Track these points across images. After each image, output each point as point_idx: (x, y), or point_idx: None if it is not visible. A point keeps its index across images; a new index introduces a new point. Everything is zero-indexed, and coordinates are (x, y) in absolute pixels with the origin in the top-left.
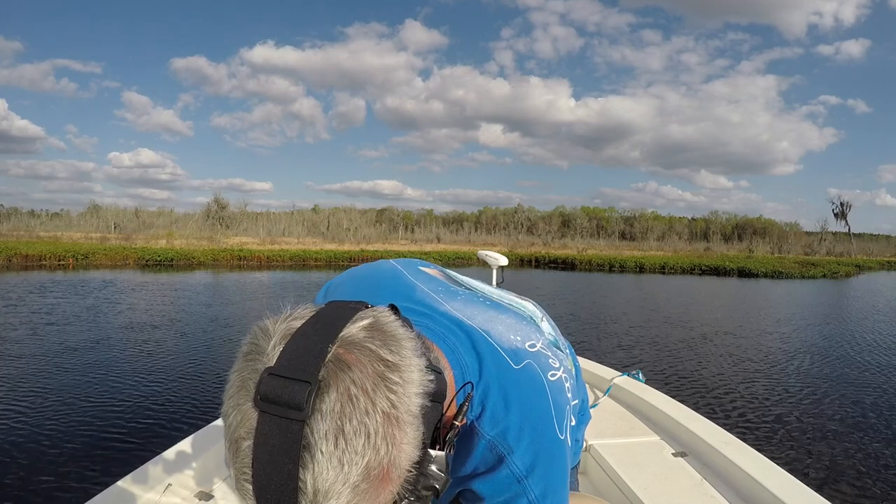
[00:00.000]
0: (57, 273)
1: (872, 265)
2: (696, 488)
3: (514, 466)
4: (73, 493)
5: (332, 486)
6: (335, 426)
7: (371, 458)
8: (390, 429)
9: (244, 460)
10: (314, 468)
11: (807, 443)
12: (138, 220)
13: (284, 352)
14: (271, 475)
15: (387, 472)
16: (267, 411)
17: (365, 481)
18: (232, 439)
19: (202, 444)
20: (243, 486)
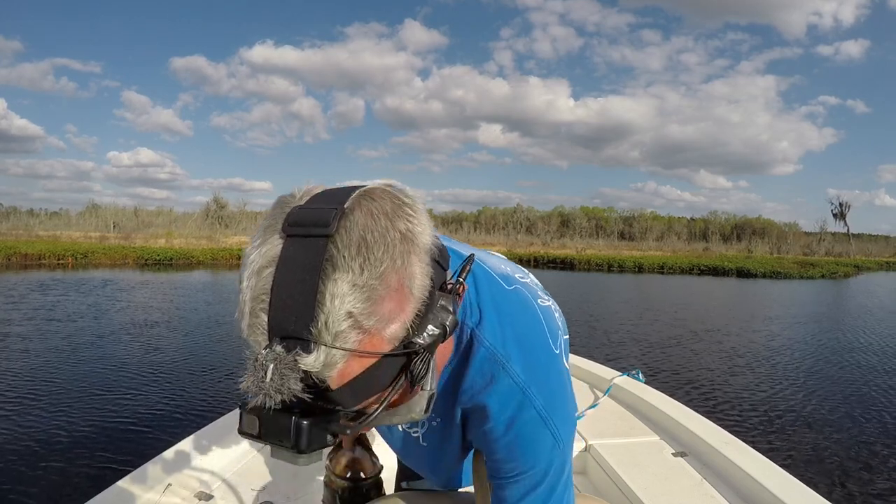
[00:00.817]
0: (56, 272)
1: (871, 265)
2: (696, 488)
3: (514, 375)
4: (73, 493)
5: (349, 290)
6: (358, 236)
7: (388, 265)
8: (406, 246)
9: (264, 286)
10: (336, 275)
11: (807, 442)
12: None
13: (313, 197)
14: (292, 292)
15: (400, 285)
16: (294, 234)
17: (381, 286)
18: (252, 272)
19: (202, 444)
20: (258, 316)
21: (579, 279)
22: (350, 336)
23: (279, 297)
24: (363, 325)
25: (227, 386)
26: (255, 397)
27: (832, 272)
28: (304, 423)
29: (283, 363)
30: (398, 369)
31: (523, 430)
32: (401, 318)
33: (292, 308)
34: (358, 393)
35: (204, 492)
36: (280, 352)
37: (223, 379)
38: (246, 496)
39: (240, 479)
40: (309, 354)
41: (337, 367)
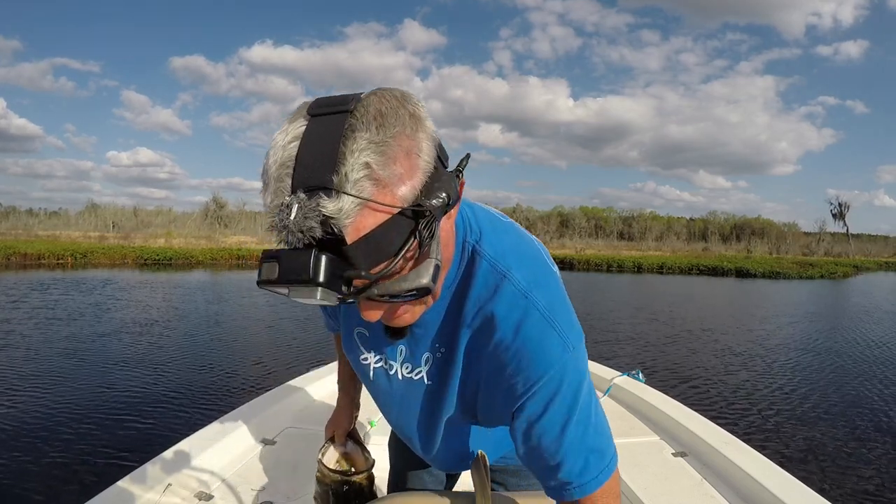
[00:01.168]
0: (56, 272)
1: (870, 266)
2: (696, 488)
3: (516, 282)
4: (73, 493)
5: (367, 144)
6: (374, 109)
7: (399, 131)
8: (414, 123)
9: (289, 155)
10: (355, 134)
11: (807, 442)
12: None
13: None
14: (315, 153)
15: (410, 151)
16: (317, 114)
17: (394, 145)
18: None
19: (202, 444)
20: (283, 181)
21: (578, 279)
22: (366, 186)
23: (303, 161)
24: (378, 177)
25: (227, 385)
26: (279, 238)
27: (831, 272)
28: (322, 256)
29: (307, 205)
30: (407, 234)
31: (530, 332)
32: (411, 182)
33: (315, 165)
34: (371, 252)
35: (204, 492)
36: (303, 197)
37: (223, 379)
38: (246, 496)
39: (240, 479)
40: (329, 199)
41: (353, 216)
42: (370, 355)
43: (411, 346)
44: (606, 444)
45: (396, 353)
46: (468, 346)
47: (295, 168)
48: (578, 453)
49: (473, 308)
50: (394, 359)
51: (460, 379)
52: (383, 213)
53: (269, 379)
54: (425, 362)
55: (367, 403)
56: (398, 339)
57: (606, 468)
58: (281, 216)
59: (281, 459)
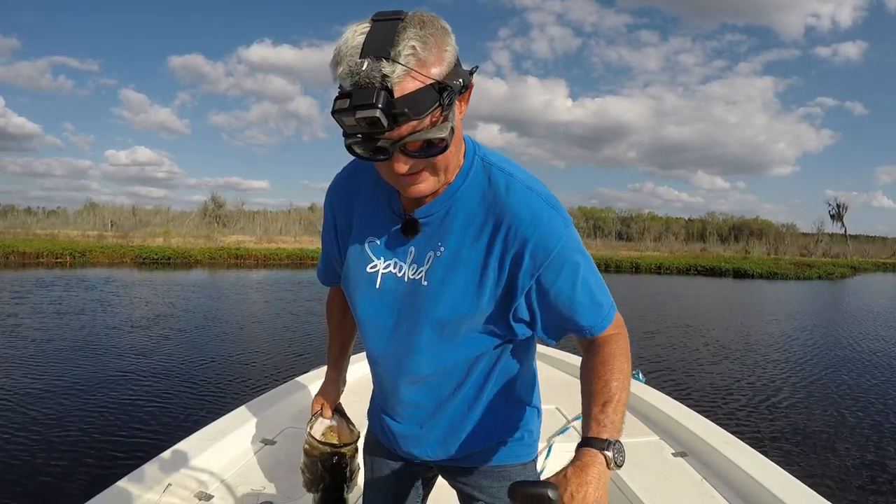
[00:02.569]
0: (54, 270)
1: (868, 266)
2: (696, 488)
3: (520, 180)
4: (73, 493)
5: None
6: (419, 19)
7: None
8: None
9: (358, 42)
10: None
11: (807, 442)
12: (135, 219)
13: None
14: (378, 39)
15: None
16: (378, 20)
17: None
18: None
19: (202, 444)
20: (352, 57)
21: None
22: (411, 60)
23: (369, 43)
24: (420, 57)
25: (227, 385)
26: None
27: (828, 273)
28: (381, 92)
29: (372, 65)
30: (435, 100)
31: (540, 213)
32: (440, 67)
33: (379, 44)
34: (409, 107)
35: (204, 492)
36: (370, 60)
37: (223, 379)
38: (246, 496)
39: (240, 479)
40: (386, 64)
41: (400, 78)
42: (379, 262)
43: (419, 245)
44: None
45: (407, 253)
46: (472, 239)
47: (363, 47)
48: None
49: (480, 202)
50: (404, 259)
51: (463, 275)
52: (420, 81)
53: (269, 379)
54: (427, 262)
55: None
56: (411, 236)
57: (613, 304)
58: (355, 69)
59: (281, 459)
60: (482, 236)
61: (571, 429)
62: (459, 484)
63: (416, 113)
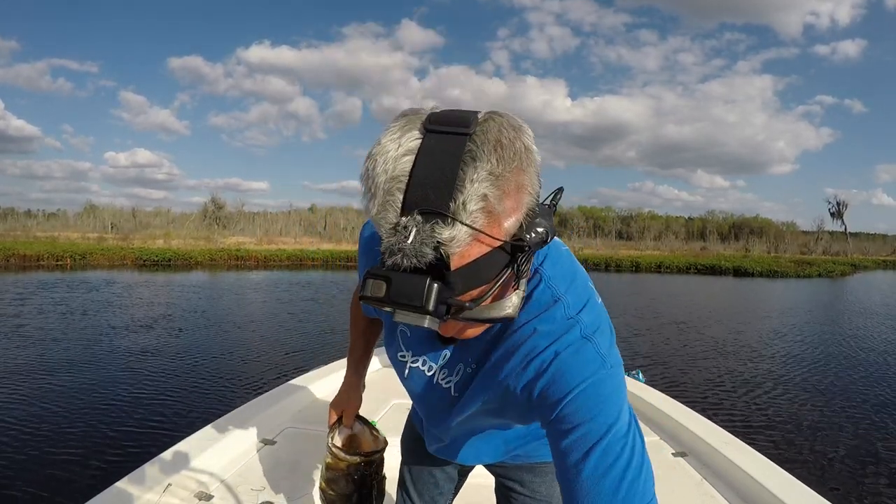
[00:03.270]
0: (55, 273)
1: (868, 264)
2: (696, 488)
3: (567, 305)
4: (73, 493)
5: (486, 176)
6: (494, 138)
7: (516, 165)
8: (528, 157)
9: (403, 169)
10: (476, 163)
11: (807, 442)
12: (135, 220)
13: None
14: (432, 174)
15: (520, 187)
16: (434, 130)
17: (509, 181)
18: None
19: (202, 445)
20: (393, 195)
21: None
22: (479, 218)
23: (419, 180)
24: (492, 210)
25: (227, 385)
26: (391, 258)
27: (829, 271)
28: (435, 285)
29: (424, 230)
30: (504, 264)
31: (569, 343)
32: (516, 215)
33: (432, 187)
34: (469, 279)
35: (204, 492)
36: (419, 220)
37: (223, 379)
38: (246, 496)
39: (240, 479)
40: (444, 227)
41: (463, 246)
42: (408, 354)
43: (453, 352)
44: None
45: (440, 357)
46: (499, 362)
47: (409, 185)
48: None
49: (519, 325)
50: (435, 361)
51: (483, 396)
52: (488, 244)
53: (269, 379)
54: (456, 373)
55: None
56: (448, 345)
57: None
58: (398, 238)
59: (281, 459)
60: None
61: None
62: (500, 478)
63: (475, 284)
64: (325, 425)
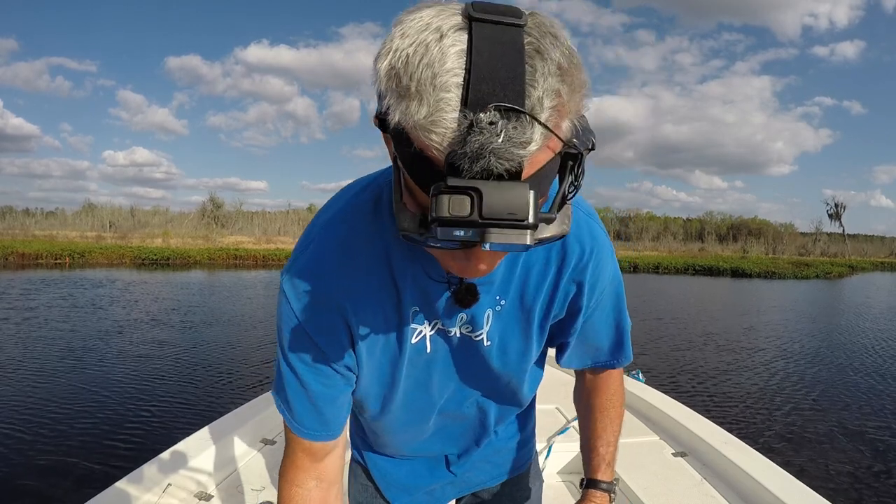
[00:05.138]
0: (54, 271)
1: (866, 266)
2: (696, 488)
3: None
4: (72, 493)
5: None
6: (551, 32)
7: (576, 61)
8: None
9: (455, 61)
10: (545, 54)
11: (806, 442)
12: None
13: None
14: (496, 67)
15: (583, 83)
16: (481, 19)
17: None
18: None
19: (202, 445)
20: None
21: None
22: (553, 117)
23: (481, 73)
24: (563, 109)
25: (228, 385)
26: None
27: (826, 272)
28: (532, 192)
29: (510, 128)
30: (561, 173)
31: (602, 243)
32: (573, 117)
33: (501, 83)
34: (539, 189)
35: (204, 492)
36: (497, 116)
37: (223, 378)
38: (246, 496)
39: (239, 479)
40: (525, 126)
41: (538, 149)
42: (425, 326)
43: (472, 311)
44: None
45: (456, 320)
46: (535, 286)
47: (470, 80)
48: (625, 332)
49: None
50: (452, 325)
51: (522, 324)
52: (553, 149)
53: (268, 379)
54: (486, 321)
55: None
56: (468, 307)
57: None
58: (484, 136)
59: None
60: (546, 280)
61: (571, 429)
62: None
63: (541, 193)
64: None
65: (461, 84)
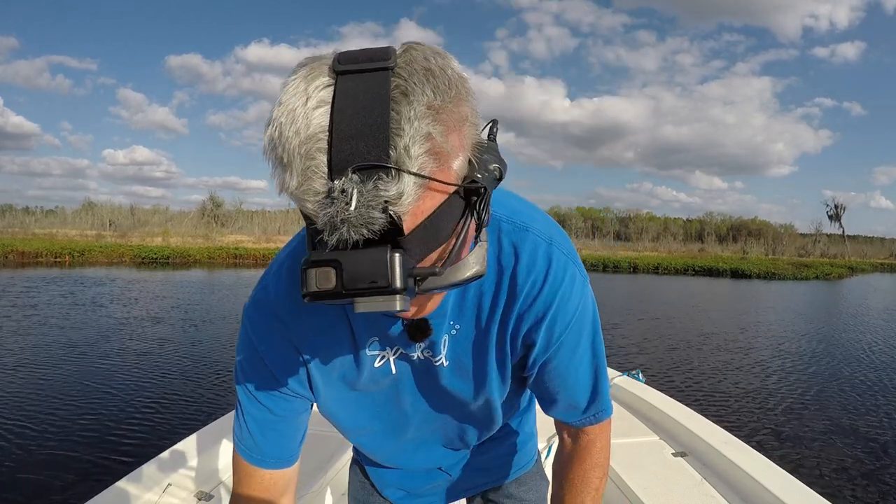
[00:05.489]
0: (54, 270)
1: (866, 267)
2: (696, 488)
3: (538, 232)
4: (72, 494)
5: (425, 111)
6: (422, 67)
7: (455, 94)
8: (463, 85)
9: (319, 124)
10: (411, 97)
11: (806, 442)
12: (133, 218)
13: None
14: (359, 123)
15: (463, 119)
16: (347, 71)
17: (451, 113)
18: (297, 115)
19: (202, 445)
20: (314, 158)
21: None
22: (428, 163)
23: (344, 132)
24: (439, 151)
25: (228, 385)
26: (333, 235)
27: (826, 273)
28: (397, 255)
29: (366, 190)
30: (461, 213)
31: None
32: (464, 154)
33: (363, 137)
34: (428, 240)
35: (204, 492)
36: (356, 179)
37: (223, 378)
38: None
39: None
40: (390, 181)
41: (414, 200)
42: (387, 352)
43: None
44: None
45: (415, 346)
46: (489, 312)
47: (332, 142)
48: (601, 380)
49: (494, 269)
50: (413, 351)
51: (482, 349)
52: (442, 192)
53: None
54: (443, 346)
55: None
56: (422, 340)
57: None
58: (335, 207)
59: None
60: (498, 306)
61: None
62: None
63: (435, 245)
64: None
65: (325, 149)
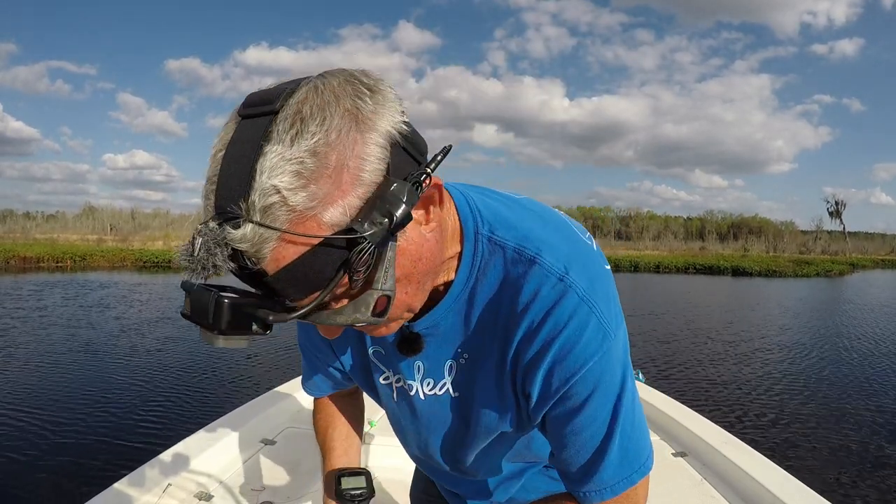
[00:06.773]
0: (56, 274)
1: (867, 263)
2: (696, 488)
3: (549, 265)
4: (72, 494)
5: (277, 162)
6: (294, 111)
7: (321, 140)
8: (351, 124)
9: (215, 169)
10: (266, 147)
11: (807, 442)
12: (134, 222)
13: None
14: (232, 170)
15: (341, 165)
16: (246, 115)
17: (314, 161)
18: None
19: (202, 445)
20: (209, 199)
21: None
22: (279, 214)
23: (223, 178)
24: (292, 204)
25: (228, 385)
26: (186, 271)
27: (827, 270)
28: (224, 301)
29: (212, 237)
30: (339, 263)
31: (564, 317)
32: (341, 202)
33: (230, 186)
34: (299, 283)
35: (204, 492)
36: (212, 227)
37: (223, 378)
38: (246, 496)
39: (239, 479)
40: (237, 230)
41: (268, 248)
42: (390, 373)
43: (429, 359)
44: (644, 442)
45: (413, 370)
46: (499, 345)
47: (217, 186)
48: (607, 455)
49: (504, 302)
50: (412, 378)
51: (492, 384)
52: (304, 244)
53: (269, 379)
54: (449, 371)
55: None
56: (412, 355)
57: (642, 467)
58: (187, 251)
59: (281, 459)
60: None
61: None
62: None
63: (312, 288)
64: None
65: (214, 191)
